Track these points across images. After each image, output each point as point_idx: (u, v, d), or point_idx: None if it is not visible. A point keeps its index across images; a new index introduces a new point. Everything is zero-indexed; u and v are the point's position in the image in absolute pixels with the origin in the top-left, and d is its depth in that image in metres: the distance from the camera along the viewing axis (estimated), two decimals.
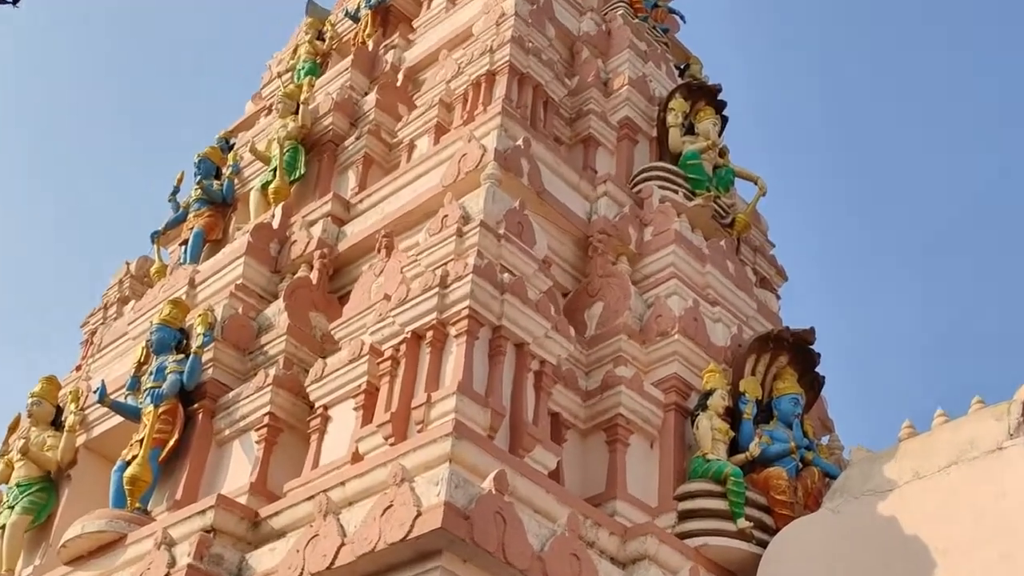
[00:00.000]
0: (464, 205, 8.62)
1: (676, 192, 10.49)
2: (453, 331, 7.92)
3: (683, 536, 8.06)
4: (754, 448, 8.59)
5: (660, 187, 10.46)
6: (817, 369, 9.32)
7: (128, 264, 13.47)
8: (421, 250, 8.57)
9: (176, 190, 12.39)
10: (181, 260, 11.52)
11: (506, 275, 8.17)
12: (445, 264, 8.29)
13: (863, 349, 25.49)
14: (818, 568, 7.69)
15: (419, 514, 6.46)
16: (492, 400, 7.66)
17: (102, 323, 12.92)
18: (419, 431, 7.55)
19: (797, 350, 9.22)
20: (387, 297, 8.58)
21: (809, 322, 9.34)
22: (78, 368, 12.27)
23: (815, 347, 9.28)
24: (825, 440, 9.82)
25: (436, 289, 8.00)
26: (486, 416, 7.57)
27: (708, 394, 8.72)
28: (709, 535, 8.07)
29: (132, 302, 12.07)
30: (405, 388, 7.90)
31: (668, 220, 10.00)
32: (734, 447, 8.68)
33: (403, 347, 8.08)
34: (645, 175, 10.71)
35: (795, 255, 21.84)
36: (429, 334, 7.98)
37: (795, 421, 8.96)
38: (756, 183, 11.28)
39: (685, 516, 8.27)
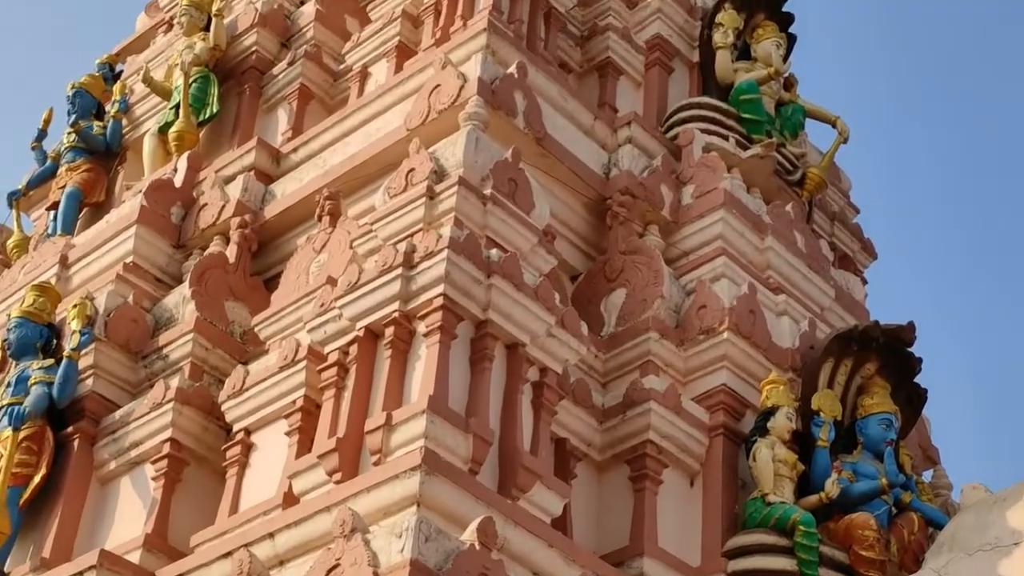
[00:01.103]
0: (437, 155, 8.61)
1: (726, 138, 10.50)
2: (422, 327, 7.93)
3: None
4: (831, 487, 8.62)
5: (704, 131, 10.48)
6: (917, 379, 9.38)
7: None
8: (378, 217, 8.57)
9: (42, 134, 12.39)
10: (49, 230, 11.54)
11: (494, 251, 8.19)
12: (411, 236, 8.30)
13: (980, 352, 25.56)
14: None
15: None
16: (475, 422, 7.67)
17: None
18: (375, 464, 7.56)
19: (890, 353, 9.26)
20: (331, 281, 8.59)
21: (907, 315, 9.38)
22: None
23: (915, 349, 9.34)
24: (928, 476, 9.87)
25: (399, 270, 8.00)
26: (467, 444, 7.58)
27: (769, 413, 8.76)
28: None
29: None
30: (356, 405, 7.91)
31: (715, 176, 10.03)
32: (804, 485, 8.72)
33: (353, 349, 8.10)
34: (683, 115, 10.73)
35: (887, 224, 21.90)
36: (389, 331, 7.99)
37: (887, 450, 9.01)
38: (834, 126, 11.32)
39: None
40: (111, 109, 12.03)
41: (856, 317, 10.26)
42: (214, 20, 11.63)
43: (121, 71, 12.84)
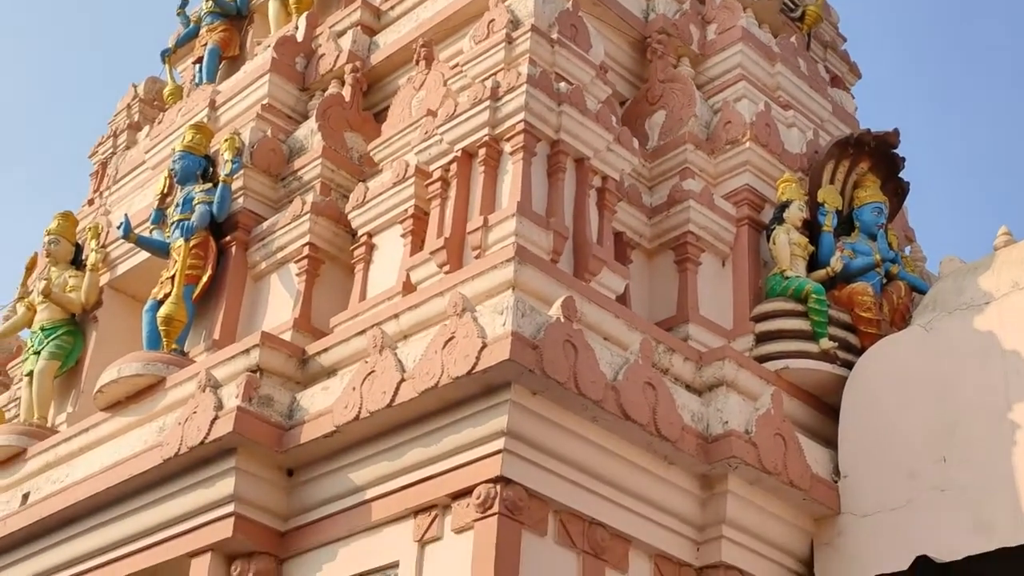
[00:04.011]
0: (511, 8, 8.47)
1: None
2: (508, 147, 7.90)
3: (762, 359, 8.13)
4: (836, 263, 8.61)
5: None
6: (901, 175, 9.30)
7: (135, 87, 13.39)
8: (467, 60, 8.47)
9: (185, 2, 12.29)
10: (196, 80, 11.47)
11: (562, 84, 8.11)
12: (494, 74, 8.21)
13: (948, 150, 25.29)
14: (909, 388, 7.77)
15: (484, 345, 6.48)
16: (554, 221, 7.67)
17: (112, 153, 12.93)
18: (476, 257, 7.59)
19: (879, 155, 9.17)
20: (431, 113, 8.54)
21: (888, 123, 9.28)
22: (90, 202, 12.33)
23: (899, 151, 9.23)
24: (907, 252, 9.84)
25: (487, 102, 7.94)
26: (548, 238, 7.59)
27: (784, 206, 8.72)
28: (790, 357, 8.15)
29: (145, 128, 12.10)
30: (458, 211, 7.91)
31: (733, 16, 9.88)
32: (813, 263, 8.71)
33: (453, 167, 8.07)
34: None
35: (870, 47, 21.48)
36: (481, 152, 7.96)
37: (879, 232, 8.99)
38: None
39: (763, 338, 8.34)
40: None
41: (849, 127, 10.17)
42: None
43: None
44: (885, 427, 7.75)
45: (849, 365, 8.16)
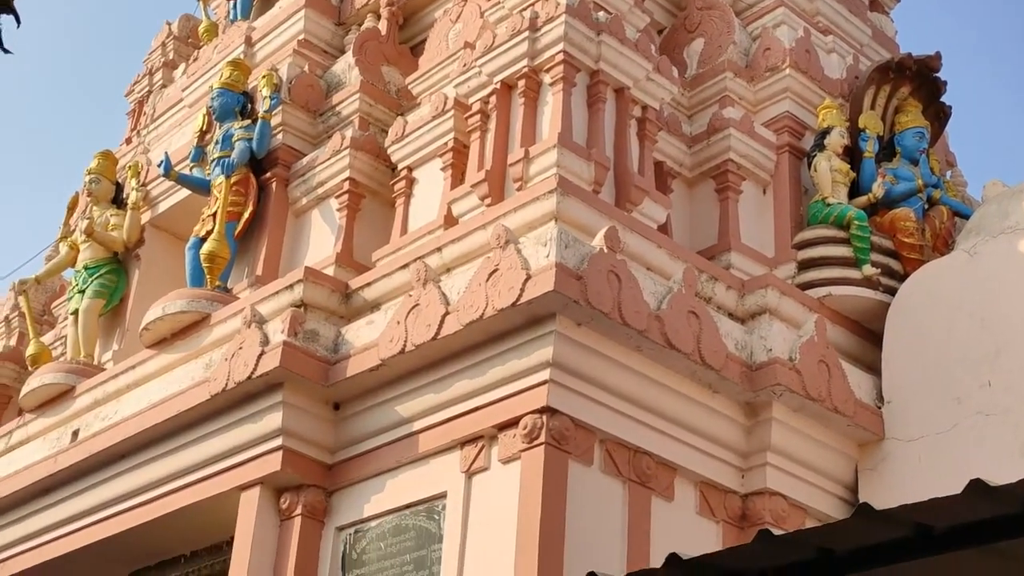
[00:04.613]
0: None
1: None
2: (547, 78, 7.87)
3: (804, 287, 8.11)
4: (877, 189, 8.56)
5: None
6: (943, 99, 9.20)
7: (169, 24, 13.35)
8: None
9: None
10: (230, 16, 11.42)
11: (600, 13, 8.05)
12: (532, 5, 8.15)
13: (990, 74, 24.97)
14: (953, 313, 7.74)
15: (528, 277, 6.48)
16: (595, 152, 7.64)
17: (148, 91, 12.93)
18: (517, 189, 7.58)
19: (921, 79, 9.08)
20: (468, 45, 8.50)
21: (929, 46, 9.19)
22: (128, 141, 12.35)
23: (940, 75, 9.14)
24: (948, 176, 9.77)
25: (526, 33, 7.90)
26: (590, 169, 7.57)
27: (825, 132, 8.65)
28: (833, 284, 8.12)
29: (182, 66, 12.07)
30: (498, 144, 7.89)
31: None
32: (855, 189, 8.66)
33: (492, 99, 8.05)
34: None
35: None
36: (521, 83, 7.93)
37: (921, 157, 8.91)
38: None
39: (805, 265, 8.31)
40: None
41: (889, 51, 10.07)
42: None
43: None
44: (929, 352, 7.73)
45: (892, 291, 8.12)
